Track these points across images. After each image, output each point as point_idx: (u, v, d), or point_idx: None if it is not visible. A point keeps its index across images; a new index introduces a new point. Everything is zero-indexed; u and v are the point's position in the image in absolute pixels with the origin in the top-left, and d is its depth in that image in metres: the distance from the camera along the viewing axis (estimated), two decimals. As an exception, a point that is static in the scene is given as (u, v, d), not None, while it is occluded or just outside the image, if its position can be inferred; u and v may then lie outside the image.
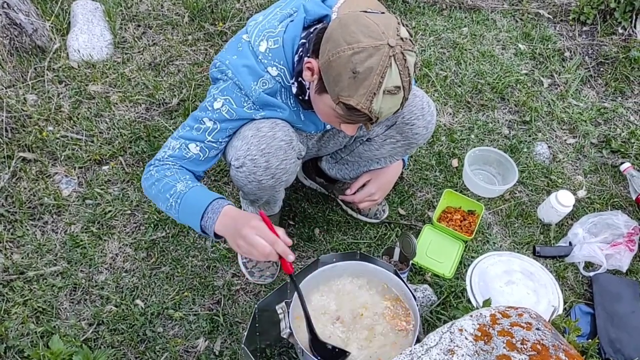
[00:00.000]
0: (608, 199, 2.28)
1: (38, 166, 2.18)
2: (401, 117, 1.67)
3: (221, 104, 1.46)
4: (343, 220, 2.14)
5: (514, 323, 1.30)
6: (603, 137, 2.50)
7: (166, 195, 1.45)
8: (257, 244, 1.31)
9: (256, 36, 1.44)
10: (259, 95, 1.45)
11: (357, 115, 1.30)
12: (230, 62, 1.45)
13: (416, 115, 1.67)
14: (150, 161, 1.53)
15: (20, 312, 1.81)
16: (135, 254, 1.99)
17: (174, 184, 1.45)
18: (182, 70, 2.58)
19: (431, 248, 2.07)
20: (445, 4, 3.01)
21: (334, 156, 1.97)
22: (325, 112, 1.40)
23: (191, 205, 1.42)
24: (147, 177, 1.51)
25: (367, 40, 1.21)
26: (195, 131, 1.49)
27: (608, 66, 2.78)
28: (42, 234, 2.02)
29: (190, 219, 1.43)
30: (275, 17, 1.47)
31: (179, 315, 1.85)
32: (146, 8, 2.80)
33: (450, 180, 2.30)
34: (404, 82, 1.26)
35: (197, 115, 1.50)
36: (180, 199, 1.43)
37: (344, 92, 1.26)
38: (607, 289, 1.96)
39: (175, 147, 1.50)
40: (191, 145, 1.49)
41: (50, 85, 2.44)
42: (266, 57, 1.43)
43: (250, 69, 1.44)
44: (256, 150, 1.46)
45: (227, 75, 1.46)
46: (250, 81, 1.44)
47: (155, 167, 1.50)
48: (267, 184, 1.53)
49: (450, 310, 1.84)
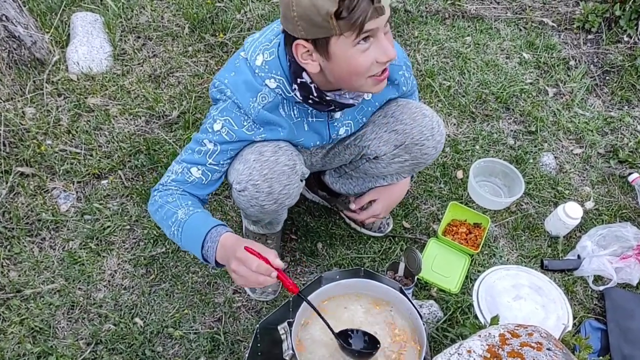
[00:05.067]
0: (616, 211, 2.24)
1: (36, 181, 2.14)
2: (410, 138, 1.62)
3: (221, 125, 1.44)
4: (346, 234, 2.10)
5: (524, 343, 1.26)
6: (610, 147, 2.46)
7: (168, 223, 1.44)
8: (244, 275, 1.30)
9: (252, 52, 1.42)
10: (259, 113, 1.42)
11: (355, 9, 1.16)
12: (229, 80, 1.43)
13: (426, 136, 1.62)
14: (155, 186, 1.52)
15: (16, 332, 1.77)
16: (135, 270, 1.95)
17: (175, 211, 1.43)
18: (182, 82, 2.55)
19: (436, 262, 2.03)
20: (448, 13, 2.98)
21: (337, 170, 1.93)
22: (351, 57, 1.26)
23: (191, 235, 1.41)
24: (152, 202, 1.50)
25: None
26: (196, 154, 1.47)
27: (614, 75, 2.75)
28: (40, 251, 1.98)
29: (192, 247, 1.42)
30: (272, 32, 1.44)
31: (179, 333, 1.81)
32: (146, 19, 2.77)
33: (455, 193, 2.26)
34: None
35: (198, 138, 1.47)
36: (181, 227, 1.41)
37: (325, 7, 1.15)
38: (620, 304, 1.91)
39: (178, 172, 1.48)
40: (193, 169, 1.47)
41: (49, 98, 2.41)
42: (263, 70, 1.40)
43: (248, 84, 1.41)
44: (258, 175, 1.43)
45: (226, 95, 1.43)
46: (248, 98, 1.41)
47: (159, 192, 1.49)
48: (269, 209, 1.51)
49: (457, 327, 1.79)
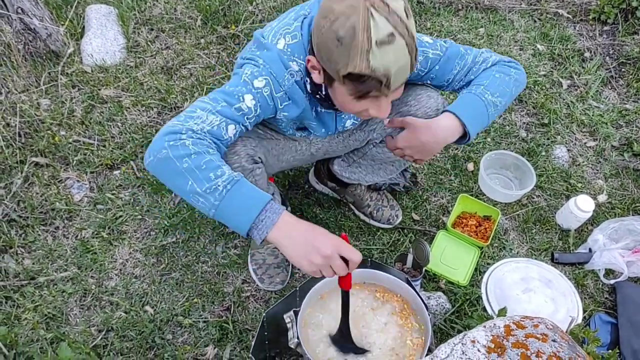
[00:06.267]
0: (630, 204, 2.21)
1: (50, 171, 2.18)
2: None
3: (263, 83, 1.35)
4: (355, 225, 2.11)
5: (529, 334, 1.25)
6: (625, 140, 2.43)
7: (209, 175, 1.21)
8: (337, 266, 1.23)
9: (273, 37, 1.39)
10: (292, 85, 1.38)
11: (365, 82, 1.21)
12: (261, 54, 1.38)
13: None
14: (176, 127, 1.25)
15: (30, 318, 1.81)
16: (146, 259, 1.98)
17: (219, 165, 1.23)
18: (195, 73, 2.57)
19: (445, 254, 2.02)
20: (462, 4, 2.96)
21: (346, 159, 1.92)
22: (345, 101, 1.31)
23: (247, 196, 1.22)
24: (178, 146, 1.22)
25: (340, 5, 1.17)
26: (235, 110, 1.33)
27: (630, 67, 2.70)
28: (54, 239, 2.02)
29: (241, 210, 1.22)
30: (290, 18, 1.42)
31: (188, 322, 1.83)
32: (159, 12, 2.79)
33: (466, 185, 2.25)
34: (397, 27, 1.16)
35: (236, 91, 1.34)
36: (232, 185, 1.21)
37: (340, 64, 1.20)
38: (632, 298, 1.89)
39: (214, 124, 1.29)
40: (230, 126, 1.32)
41: (63, 89, 2.44)
42: (285, 53, 1.37)
43: (281, 58, 1.37)
44: None
45: (259, 63, 1.36)
46: (283, 70, 1.37)
47: (192, 139, 1.24)
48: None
49: (465, 319, 1.79)
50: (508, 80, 1.55)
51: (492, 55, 1.57)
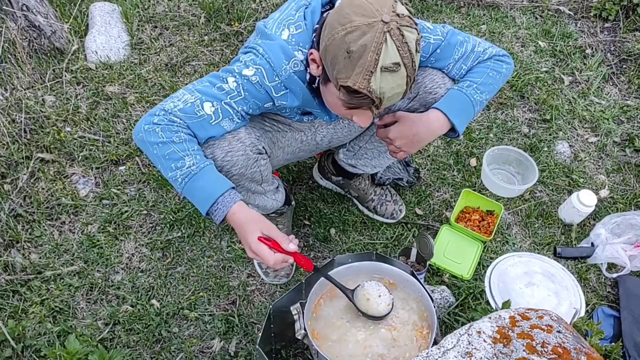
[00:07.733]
0: (631, 199, 2.23)
1: (56, 167, 2.19)
2: (423, 87, 1.60)
3: (253, 72, 1.39)
4: (359, 220, 2.12)
5: (534, 325, 1.27)
6: (626, 136, 2.44)
7: (171, 165, 1.34)
8: (263, 256, 1.36)
9: (276, 28, 1.42)
10: (289, 76, 1.40)
11: (359, 98, 1.26)
12: (263, 44, 1.40)
13: (438, 84, 1.59)
14: (155, 109, 1.37)
15: (37, 312, 1.82)
16: (151, 254, 1.99)
17: (181, 156, 1.34)
18: (198, 70, 2.58)
19: (449, 249, 2.04)
20: (463, 1, 2.97)
21: (351, 148, 1.92)
22: (334, 103, 1.37)
23: (201, 189, 1.36)
24: (150, 132, 1.34)
25: (360, 19, 1.19)
26: (215, 89, 1.38)
27: (631, 63, 2.72)
28: (60, 234, 2.03)
29: (197, 200, 1.37)
30: (291, 9, 1.44)
31: (194, 315, 1.84)
32: (163, 9, 2.81)
33: (469, 180, 2.26)
34: (404, 59, 1.21)
35: (220, 74, 1.40)
36: (189, 179, 1.35)
37: (342, 74, 1.23)
38: (634, 292, 1.90)
39: (188, 101, 1.36)
40: (207, 103, 1.36)
41: (68, 86, 2.46)
42: (290, 43, 1.40)
43: (283, 48, 1.39)
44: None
45: (258, 52, 1.39)
46: (282, 60, 1.39)
47: (161, 125, 1.34)
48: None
49: (469, 312, 1.81)
50: (498, 78, 1.61)
51: (489, 47, 1.61)
